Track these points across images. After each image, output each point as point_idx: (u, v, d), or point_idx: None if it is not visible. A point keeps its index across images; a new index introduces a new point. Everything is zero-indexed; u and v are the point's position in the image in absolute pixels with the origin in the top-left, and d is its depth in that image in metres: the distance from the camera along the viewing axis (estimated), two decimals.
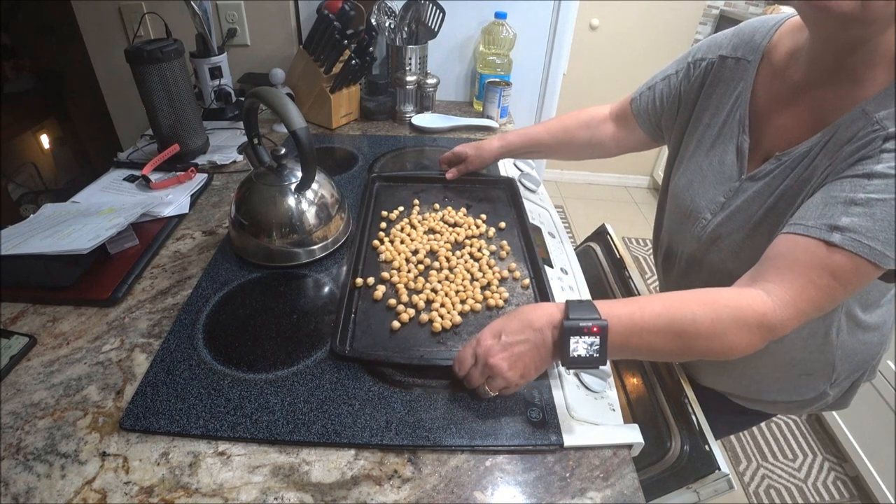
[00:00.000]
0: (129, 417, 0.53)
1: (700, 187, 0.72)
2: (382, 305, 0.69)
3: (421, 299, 0.69)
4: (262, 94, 0.68)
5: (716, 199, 0.69)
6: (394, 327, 0.66)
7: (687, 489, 0.70)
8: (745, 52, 0.69)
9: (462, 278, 0.73)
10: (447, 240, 0.81)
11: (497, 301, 0.70)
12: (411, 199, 0.92)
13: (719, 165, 0.70)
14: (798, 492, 1.55)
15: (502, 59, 1.36)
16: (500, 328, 0.54)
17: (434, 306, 0.68)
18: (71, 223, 0.79)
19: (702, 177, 0.72)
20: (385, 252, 0.78)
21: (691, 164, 0.74)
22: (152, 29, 1.33)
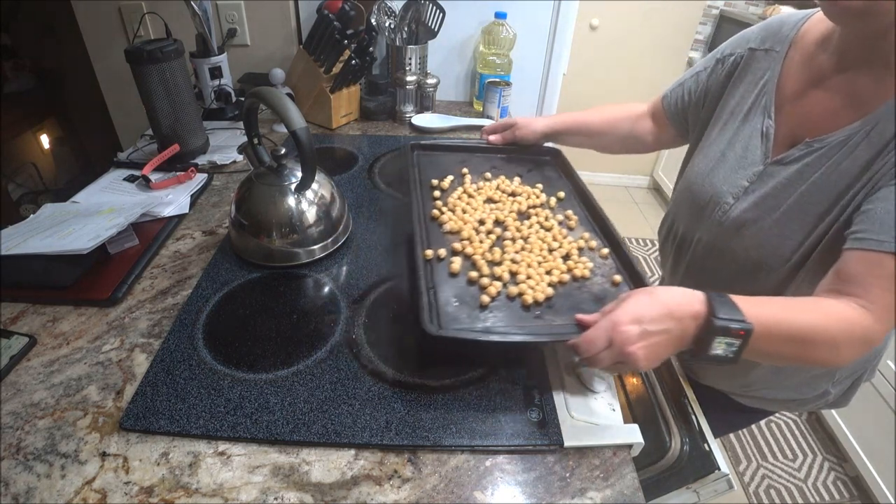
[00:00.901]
0: (129, 417, 0.53)
1: (721, 172, 0.71)
2: (462, 279, 0.63)
3: (503, 271, 0.63)
4: (262, 94, 0.68)
5: (738, 183, 0.68)
6: (483, 302, 0.60)
7: (687, 489, 0.70)
8: (772, 42, 0.69)
9: (539, 248, 0.68)
10: (511, 210, 0.75)
11: (583, 272, 0.65)
12: (457, 168, 0.85)
13: (742, 151, 0.69)
14: (798, 492, 1.55)
15: (502, 59, 1.36)
16: (639, 313, 0.50)
17: (519, 278, 0.63)
18: (71, 223, 0.79)
19: (723, 162, 0.71)
20: (449, 222, 0.72)
21: (711, 150, 0.74)
22: (152, 29, 1.33)
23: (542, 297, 0.61)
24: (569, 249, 0.68)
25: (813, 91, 0.64)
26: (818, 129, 0.62)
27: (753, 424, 1.75)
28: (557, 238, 0.70)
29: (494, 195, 0.79)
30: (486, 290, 0.61)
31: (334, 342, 0.64)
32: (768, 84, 0.68)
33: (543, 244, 0.69)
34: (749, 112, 0.70)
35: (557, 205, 0.79)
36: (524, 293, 0.61)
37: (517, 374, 0.61)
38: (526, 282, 0.62)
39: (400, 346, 0.64)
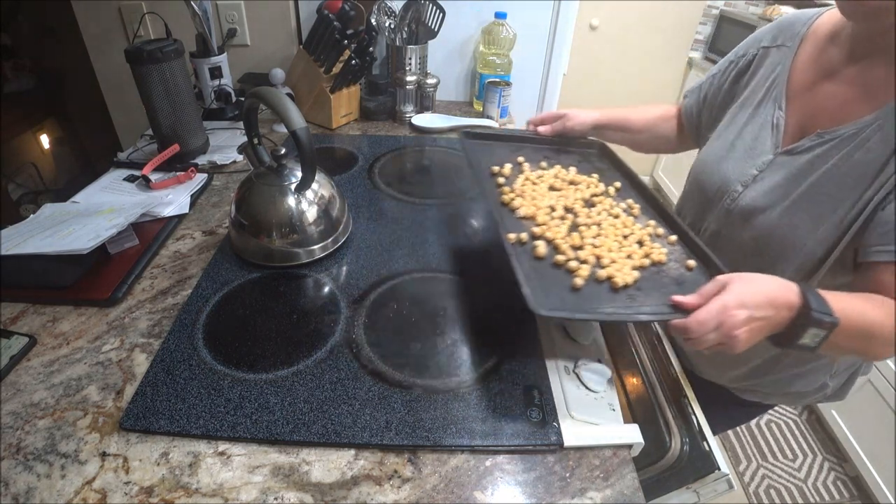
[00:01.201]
0: (129, 417, 0.53)
1: (730, 161, 0.72)
2: (548, 263, 0.63)
3: (588, 255, 0.64)
4: (262, 94, 0.68)
5: (747, 171, 0.69)
6: (576, 284, 0.60)
7: (687, 489, 0.70)
8: (784, 39, 0.71)
9: (615, 234, 0.69)
10: (577, 197, 0.76)
11: (660, 257, 0.66)
12: (512, 157, 0.85)
13: (752, 141, 0.70)
14: (798, 492, 1.55)
15: (502, 59, 1.36)
16: (745, 299, 0.52)
17: (604, 262, 0.63)
18: (71, 223, 0.79)
19: (732, 151, 0.72)
20: (522, 207, 0.72)
21: (720, 140, 0.75)
22: (152, 29, 1.33)
23: (631, 279, 0.61)
24: (640, 236, 0.69)
25: (824, 83, 0.65)
26: (829, 121, 0.63)
27: (753, 423, 1.75)
28: (627, 225, 0.71)
29: (555, 183, 0.79)
30: (577, 273, 0.61)
31: (334, 342, 0.64)
32: (779, 77, 0.70)
33: (617, 231, 0.70)
34: (759, 104, 0.71)
35: (616, 194, 0.80)
36: (613, 276, 0.61)
37: (517, 374, 0.61)
38: (611, 265, 0.63)
39: (400, 347, 0.64)
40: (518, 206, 0.72)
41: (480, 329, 0.68)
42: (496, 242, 0.85)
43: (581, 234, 0.68)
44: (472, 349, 0.64)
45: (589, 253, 0.64)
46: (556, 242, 0.66)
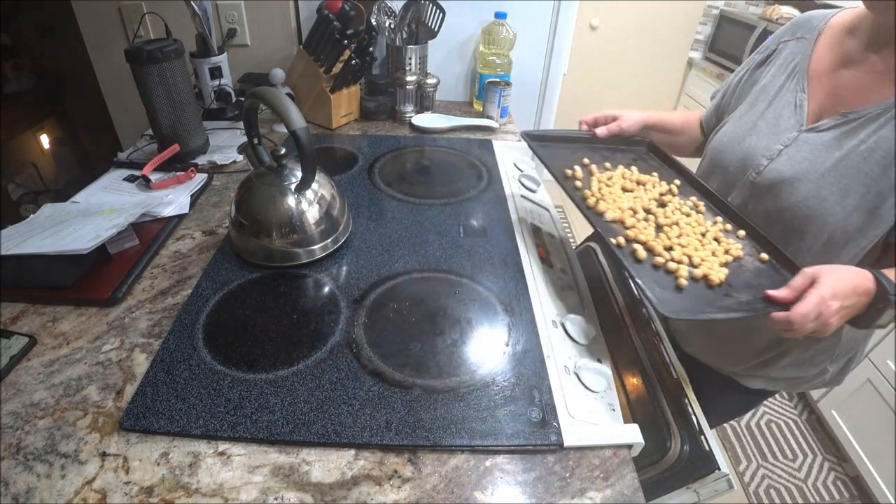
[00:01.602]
0: (129, 417, 0.53)
1: (752, 138, 0.77)
2: (648, 264, 0.67)
3: (682, 255, 0.67)
4: (262, 94, 0.68)
5: (772, 146, 0.74)
6: (681, 285, 0.64)
7: (687, 489, 0.70)
8: (803, 32, 0.77)
9: (693, 233, 0.73)
10: (649, 197, 0.79)
11: (737, 253, 0.69)
12: (576, 158, 0.87)
13: (774, 120, 0.75)
14: (798, 492, 1.56)
15: (502, 59, 1.36)
16: (836, 290, 0.58)
17: (695, 261, 0.67)
18: (71, 223, 0.79)
19: (754, 130, 0.77)
20: (609, 211, 0.75)
21: (741, 120, 0.80)
22: (152, 29, 1.33)
23: (723, 276, 0.65)
24: (715, 233, 0.73)
25: (842, 71, 0.71)
26: (850, 104, 0.68)
27: (753, 423, 1.75)
28: (701, 223, 0.75)
29: (625, 184, 0.82)
30: (678, 274, 0.65)
31: (334, 342, 0.64)
32: (800, 63, 0.75)
33: (694, 230, 0.73)
34: (781, 88, 0.77)
35: (679, 191, 0.83)
36: (708, 275, 0.65)
37: (517, 374, 0.61)
38: (703, 264, 0.67)
39: (400, 347, 0.64)
40: (604, 209, 0.76)
41: (480, 329, 0.68)
42: (496, 242, 0.85)
43: (666, 234, 0.72)
44: (472, 349, 0.64)
45: (680, 253, 0.68)
46: (650, 245, 0.69)
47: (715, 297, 0.63)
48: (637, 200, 0.78)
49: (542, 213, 0.99)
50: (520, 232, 0.88)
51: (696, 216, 0.76)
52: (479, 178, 1.05)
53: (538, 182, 1.07)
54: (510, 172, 1.08)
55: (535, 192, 1.05)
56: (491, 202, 0.97)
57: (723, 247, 0.70)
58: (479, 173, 1.07)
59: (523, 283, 0.76)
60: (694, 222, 0.75)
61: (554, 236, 0.92)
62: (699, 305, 0.62)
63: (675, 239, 0.70)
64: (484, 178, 1.05)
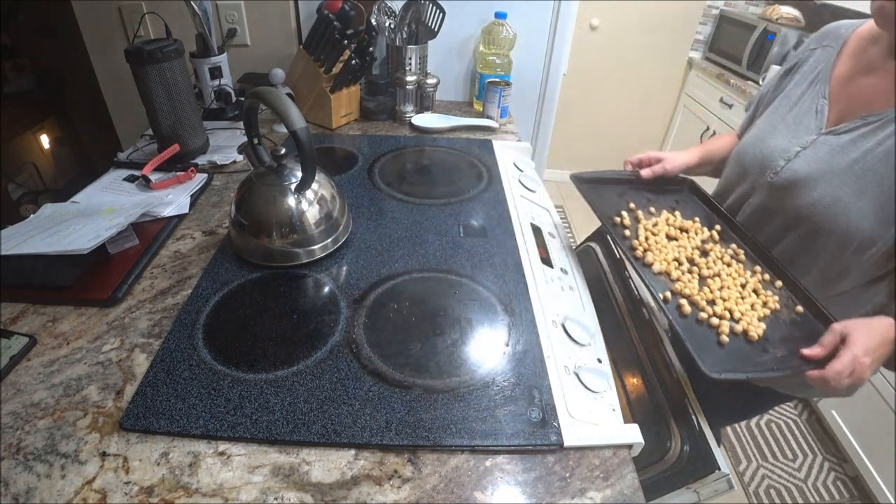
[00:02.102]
0: (129, 417, 0.53)
1: (772, 140, 0.79)
2: (693, 320, 0.69)
3: (723, 309, 0.70)
4: (262, 94, 0.68)
5: (790, 148, 0.76)
6: (723, 342, 0.66)
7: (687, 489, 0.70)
8: (829, 40, 0.80)
9: (734, 285, 0.75)
10: (692, 246, 0.82)
11: (775, 305, 0.72)
12: (622, 202, 0.91)
13: (795, 124, 0.78)
14: (798, 492, 1.55)
15: (502, 59, 1.36)
16: (867, 346, 0.61)
17: (735, 316, 0.70)
18: (71, 223, 0.79)
19: (774, 133, 0.80)
20: (656, 263, 0.78)
21: (764, 123, 0.83)
22: (152, 29, 1.33)
23: (760, 331, 0.68)
24: (754, 284, 0.76)
25: (863, 78, 0.73)
26: (869, 108, 0.70)
27: (753, 422, 1.75)
28: (741, 273, 0.77)
29: (669, 231, 0.85)
30: (720, 330, 0.68)
31: (334, 342, 0.64)
32: (823, 71, 0.78)
33: (735, 281, 0.76)
34: (803, 94, 0.79)
35: (720, 237, 0.86)
36: (748, 331, 0.67)
37: (517, 374, 0.61)
38: (743, 319, 0.69)
39: (400, 347, 0.64)
40: (651, 261, 0.78)
41: (480, 329, 0.68)
42: (496, 242, 0.85)
43: (709, 287, 0.74)
44: (472, 349, 0.64)
45: (722, 308, 0.70)
46: (695, 299, 0.72)
47: (753, 353, 0.66)
48: (681, 250, 0.81)
49: (542, 213, 0.99)
50: (520, 232, 0.88)
51: (736, 266, 0.79)
52: (479, 178, 1.05)
53: (538, 182, 1.07)
54: (510, 172, 1.08)
55: (534, 192, 1.05)
56: (491, 202, 0.97)
57: (761, 299, 0.73)
58: (479, 173, 1.07)
59: (523, 283, 0.76)
60: (735, 273, 0.77)
61: (554, 236, 0.92)
62: (739, 363, 0.64)
63: (717, 292, 0.73)
64: (484, 178, 1.05)
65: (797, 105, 0.79)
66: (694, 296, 0.72)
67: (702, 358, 0.61)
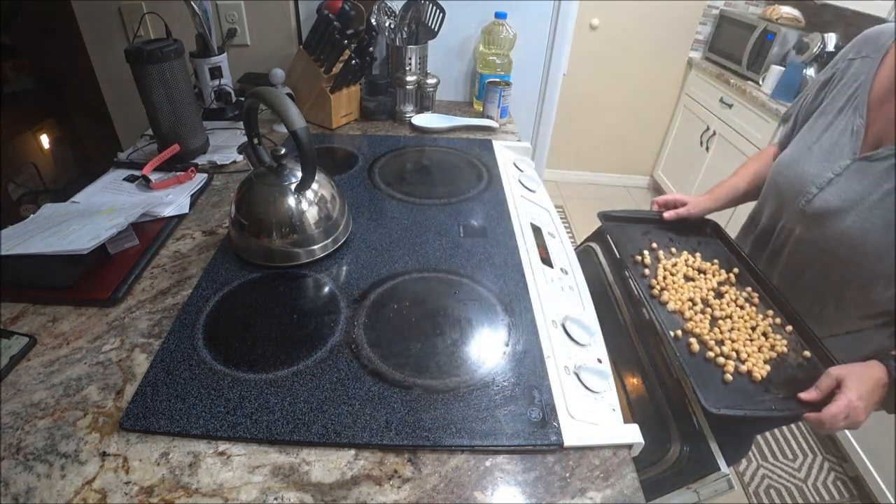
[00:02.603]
0: (129, 417, 0.53)
1: (805, 163, 0.76)
2: (701, 357, 0.73)
3: (730, 350, 0.73)
4: (262, 94, 0.68)
5: (823, 174, 0.73)
6: (727, 380, 0.69)
7: (687, 489, 0.70)
8: (868, 51, 0.74)
9: (744, 328, 0.78)
10: (708, 287, 0.85)
11: (782, 349, 0.75)
12: (644, 241, 0.96)
13: (830, 146, 0.73)
14: (798, 492, 1.55)
15: (502, 59, 1.36)
16: (861, 392, 0.64)
17: (742, 356, 0.73)
18: (71, 223, 0.79)
19: (809, 154, 0.76)
20: (671, 302, 0.81)
21: (799, 143, 0.79)
22: (152, 29, 1.33)
23: (764, 373, 0.71)
24: (764, 327, 0.78)
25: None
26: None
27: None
28: (752, 317, 0.80)
29: (688, 272, 0.88)
30: (725, 369, 0.71)
31: (334, 342, 0.64)
32: (862, 86, 0.72)
33: (746, 324, 0.79)
34: (840, 111, 0.74)
35: (736, 280, 0.88)
36: (752, 371, 0.70)
37: (517, 374, 0.61)
38: (748, 360, 0.72)
39: (400, 347, 0.64)
40: (667, 300, 0.82)
41: (480, 329, 0.68)
42: (496, 242, 0.85)
43: (720, 327, 0.77)
44: (472, 349, 0.64)
45: (730, 348, 0.73)
46: (704, 339, 0.75)
47: (755, 392, 0.69)
48: (697, 290, 0.84)
49: (542, 213, 0.99)
50: (520, 232, 0.88)
51: (749, 309, 0.81)
52: (479, 178, 1.06)
53: (538, 182, 1.07)
54: (510, 172, 1.08)
55: (534, 192, 1.05)
56: (491, 202, 0.97)
57: (769, 342, 0.75)
58: (479, 173, 1.07)
59: (523, 283, 0.76)
60: (746, 315, 0.79)
61: (554, 236, 0.92)
62: (740, 401, 0.67)
63: (727, 333, 0.76)
64: (484, 178, 1.05)
65: (833, 124, 0.75)
66: (704, 335, 0.75)
67: (704, 394, 0.64)
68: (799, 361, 0.75)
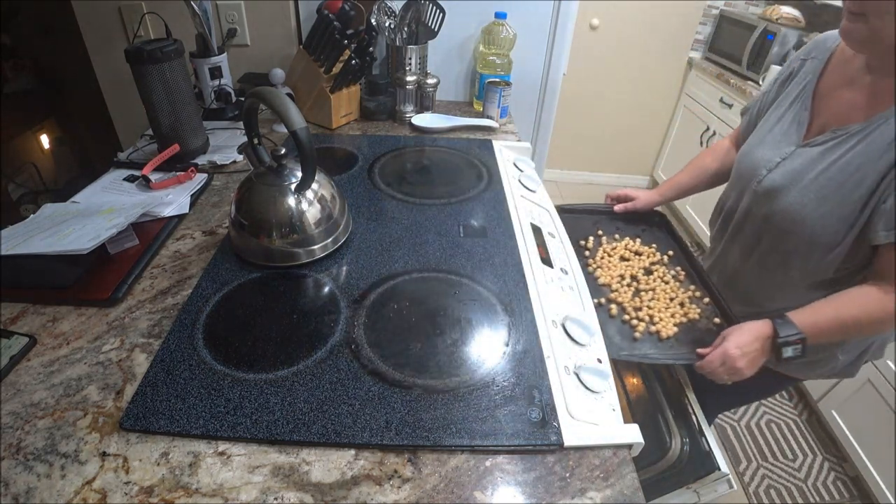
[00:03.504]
0: (129, 417, 0.53)
1: (760, 149, 0.87)
2: (619, 320, 0.86)
3: (644, 315, 0.87)
4: (262, 94, 0.68)
5: (772, 159, 0.83)
6: (636, 337, 0.83)
7: (687, 489, 0.70)
8: (817, 52, 0.85)
9: (664, 298, 0.91)
10: (639, 266, 0.98)
11: (694, 315, 0.88)
12: (593, 229, 1.09)
13: (780, 134, 0.84)
14: (798, 492, 1.56)
15: (502, 59, 1.36)
16: (738, 342, 0.75)
17: (655, 320, 0.86)
18: (71, 223, 0.79)
19: (762, 143, 0.87)
20: (602, 277, 0.95)
21: (757, 133, 0.90)
22: (152, 29, 1.33)
23: (671, 332, 0.84)
24: (682, 298, 0.91)
25: (844, 90, 0.77)
26: (844, 121, 0.75)
27: (753, 423, 1.75)
28: (674, 290, 0.93)
29: (625, 254, 1.02)
30: (637, 328, 0.84)
31: (334, 342, 0.64)
32: (809, 83, 0.83)
33: (666, 295, 0.92)
34: (790, 105, 0.85)
35: (669, 261, 1.02)
36: (661, 331, 0.84)
37: (517, 374, 0.61)
38: (660, 323, 0.85)
39: (400, 346, 0.64)
40: (599, 275, 0.96)
41: (480, 329, 0.68)
42: (496, 242, 0.85)
43: (641, 298, 0.90)
44: (472, 349, 0.64)
45: (645, 313, 0.87)
46: (624, 305, 0.89)
47: (661, 347, 0.82)
48: (629, 269, 0.97)
49: (542, 213, 0.99)
50: (520, 232, 0.88)
51: (673, 284, 0.94)
52: (479, 178, 1.06)
53: (538, 182, 1.07)
54: (510, 172, 1.08)
55: (534, 193, 1.05)
56: (491, 202, 0.97)
57: (684, 310, 0.88)
58: (479, 173, 1.07)
59: (523, 283, 0.76)
60: (669, 289, 0.93)
61: (554, 236, 0.92)
62: (643, 350, 0.80)
63: (646, 301, 0.89)
64: (484, 178, 1.05)
65: (784, 116, 0.85)
66: (625, 303, 0.89)
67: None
68: (709, 327, 0.87)
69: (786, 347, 0.74)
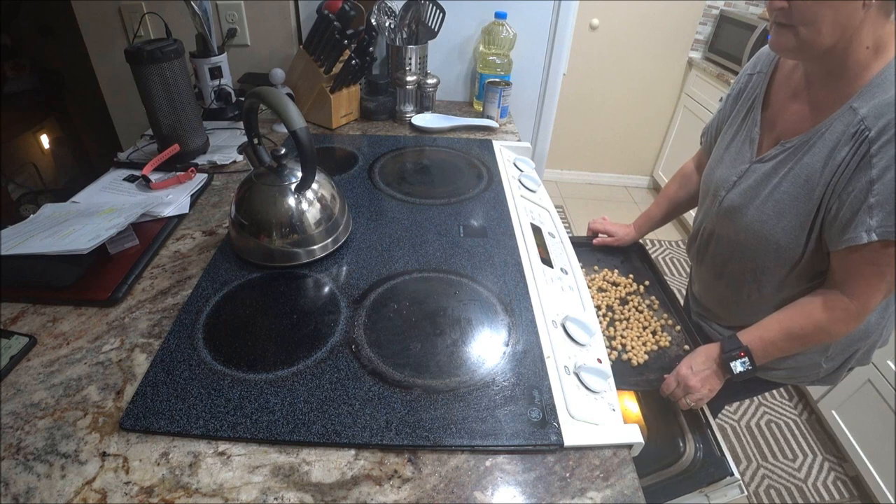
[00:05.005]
0: (129, 417, 0.53)
1: (718, 170, 0.87)
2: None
3: (618, 343, 0.90)
4: (262, 94, 0.68)
5: (729, 178, 0.84)
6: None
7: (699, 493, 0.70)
8: (762, 66, 0.85)
9: (637, 327, 0.95)
10: (616, 296, 1.02)
11: (665, 343, 0.91)
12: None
13: (735, 153, 0.84)
14: (798, 492, 1.56)
15: (502, 59, 1.36)
16: (690, 363, 0.79)
17: (627, 348, 0.90)
18: (71, 223, 0.79)
19: (720, 163, 0.87)
20: None
21: (716, 153, 0.90)
22: (152, 29, 1.33)
23: (643, 360, 0.88)
24: (655, 327, 0.95)
25: (791, 102, 0.78)
26: (792, 133, 0.75)
27: (753, 423, 1.75)
28: (647, 319, 0.97)
29: (602, 285, 1.06)
30: (609, 356, 0.85)
31: (334, 342, 0.64)
32: (757, 99, 0.83)
33: (639, 324, 0.96)
34: (742, 122, 0.85)
35: (645, 290, 1.05)
36: (632, 358, 0.88)
37: (517, 374, 0.61)
38: (632, 351, 0.89)
39: (400, 346, 0.64)
40: None
41: (480, 329, 0.68)
42: (496, 242, 0.85)
43: (615, 328, 0.94)
44: (472, 349, 0.64)
45: (618, 342, 0.91)
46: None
47: (631, 373, 0.86)
48: (605, 299, 1.01)
49: (542, 213, 0.99)
50: (520, 232, 0.88)
51: (646, 313, 0.98)
52: (479, 178, 1.06)
53: (538, 182, 1.07)
54: (510, 172, 1.08)
55: (535, 192, 1.05)
56: (491, 202, 0.97)
57: (655, 338, 0.92)
58: (479, 173, 1.07)
59: (523, 283, 0.76)
60: (643, 318, 0.96)
61: (554, 236, 0.92)
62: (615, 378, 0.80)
63: (620, 331, 0.93)
64: (484, 178, 1.05)
65: (738, 134, 0.85)
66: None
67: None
68: (678, 353, 0.89)
69: (733, 363, 0.76)
